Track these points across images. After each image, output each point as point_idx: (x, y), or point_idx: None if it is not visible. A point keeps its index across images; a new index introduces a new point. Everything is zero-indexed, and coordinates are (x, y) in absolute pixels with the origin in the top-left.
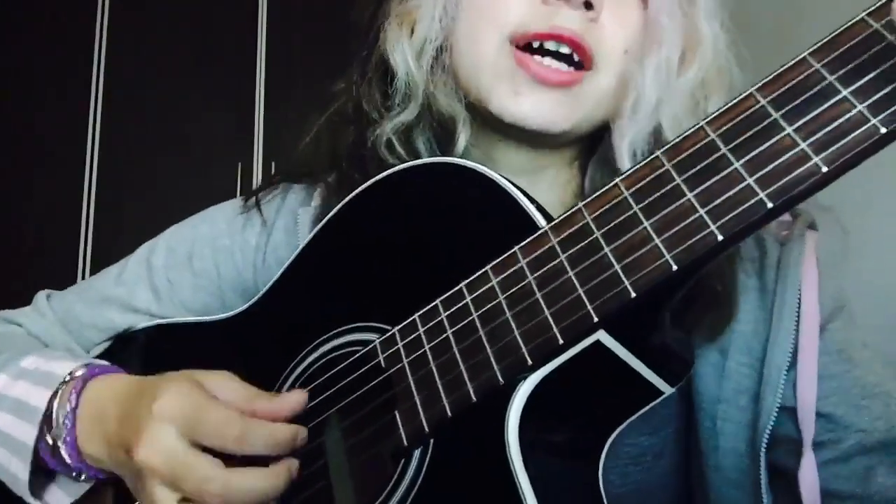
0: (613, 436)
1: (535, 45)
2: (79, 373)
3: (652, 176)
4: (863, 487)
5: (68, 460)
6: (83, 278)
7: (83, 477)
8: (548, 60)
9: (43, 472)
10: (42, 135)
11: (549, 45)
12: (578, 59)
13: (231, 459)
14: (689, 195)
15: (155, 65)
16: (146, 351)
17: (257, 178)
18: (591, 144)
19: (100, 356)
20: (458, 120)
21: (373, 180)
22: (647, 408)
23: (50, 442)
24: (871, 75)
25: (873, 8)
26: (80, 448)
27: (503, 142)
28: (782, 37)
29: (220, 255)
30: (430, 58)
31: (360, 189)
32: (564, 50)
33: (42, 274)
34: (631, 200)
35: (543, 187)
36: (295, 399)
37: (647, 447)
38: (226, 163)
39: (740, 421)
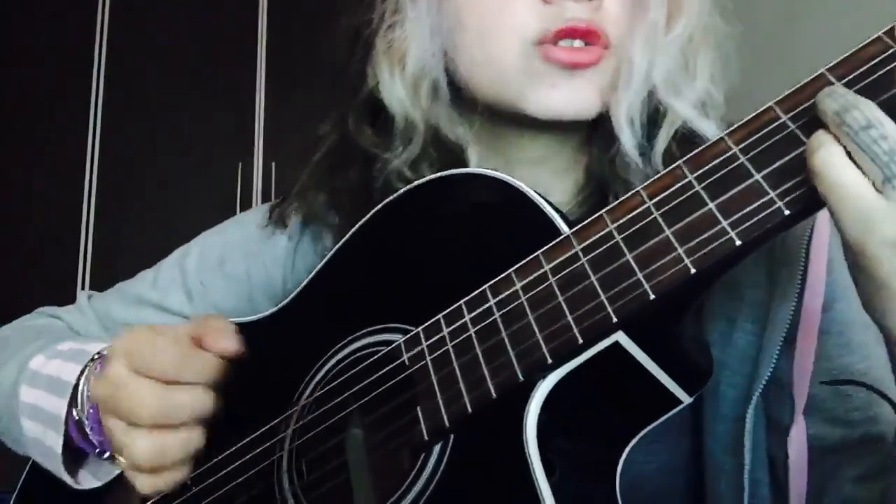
0: (632, 442)
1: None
2: (107, 351)
3: (674, 186)
4: (827, 482)
5: (91, 435)
6: (83, 279)
7: (105, 454)
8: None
9: (73, 455)
10: (42, 135)
11: (563, 43)
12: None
13: None
14: (711, 205)
15: (155, 65)
16: None
17: (257, 178)
18: (594, 124)
19: None
20: (465, 145)
21: (401, 191)
22: (665, 416)
23: (76, 417)
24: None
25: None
26: (101, 421)
27: (520, 138)
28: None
29: (250, 260)
30: (427, 91)
31: (388, 199)
32: (577, 45)
33: (42, 274)
34: (653, 208)
35: (557, 173)
36: (229, 341)
37: (668, 425)
38: (226, 163)
39: (741, 388)
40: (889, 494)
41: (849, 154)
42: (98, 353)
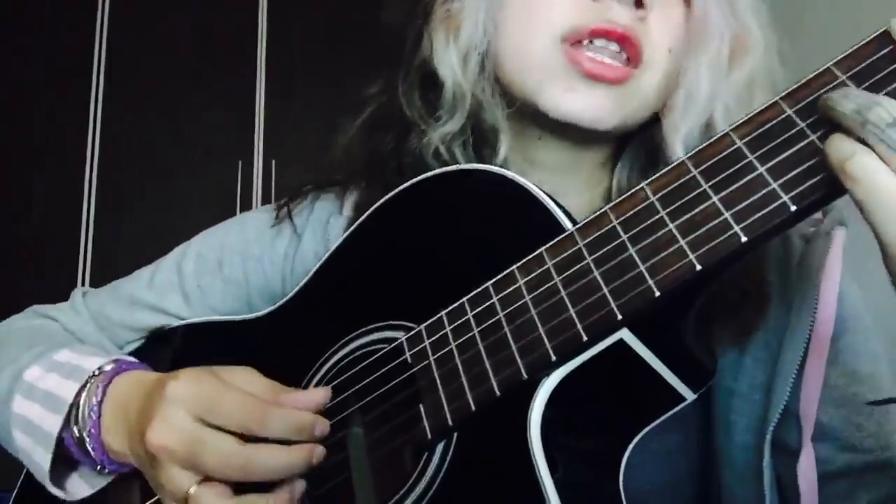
0: (636, 439)
1: (585, 42)
2: (107, 368)
3: (679, 181)
4: None
5: (92, 453)
6: (83, 279)
7: (105, 470)
8: (599, 56)
9: (67, 461)
10: (42, 135)
11: (599, 43)
12: (627, 56)
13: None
14: (715, 198)
15: (155, 65)
16: (178, 348)
17: (257, 177)
18: (621, 146)
19: (133, 353)
20: (500, 130)
21: (403, 186)
22: (669, 413)
23: (76, 434)
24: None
25: None
26: (103, 441)
27: (543, 140)
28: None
29: (249, 263)
30: (475, 64)
31: (390, 194)
32: (613, 47)
33: (42, 274)
34: (657, 204)
35: (578, 187)
36: (318, 394)
37: (672, 444)
38: (226, 163)
39: (752, 415)
40: None
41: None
42: (98, 368)
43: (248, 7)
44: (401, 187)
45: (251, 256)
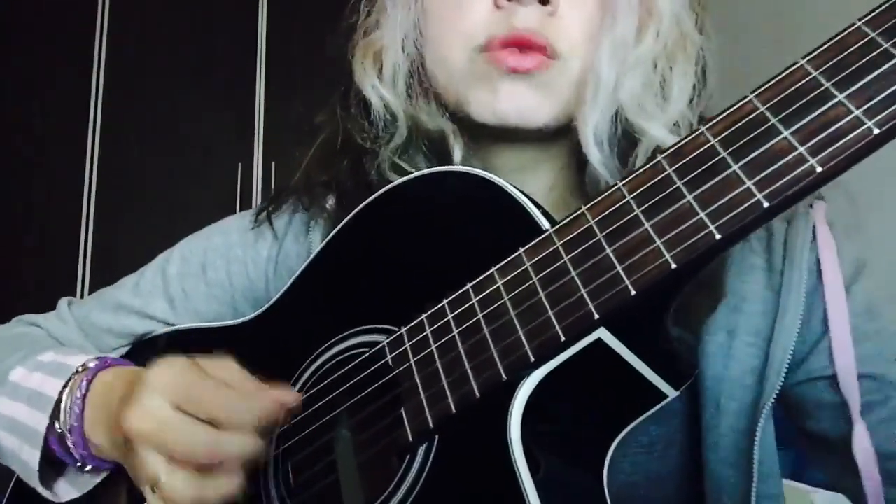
0: (619, 438)
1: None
2: (91, 364)
3: (654, 180)
4: None
5: (73, 449)
6: (83, 279)
7: (88, 467)
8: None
9: (53, 463)
10: (42, 135)
11: (508, 52)
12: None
13: None
14: (689, 197)
15: (155, 65)
16: (164, 354)
17: (257, 178)
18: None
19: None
20: (447, 134)
21: (382, 190)
22: (651, 411)
23: (58, 429)
24: (866, 80)
25: (869, 17)
26: (86, 436)
27: (496, 144)
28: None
29: (232, 266)
30: (404, 83)
31: (369, 199)
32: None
33: (42, 274)
34: (633, 203)
35: (540, 184)
36: (289, 395)
37: (656, 436)
38: (226, 163)
39: (744, 400)
40: None
41: None
42: (82, 365)
43: (248, 7)
44: (380, 191)
45: (234, 259)
